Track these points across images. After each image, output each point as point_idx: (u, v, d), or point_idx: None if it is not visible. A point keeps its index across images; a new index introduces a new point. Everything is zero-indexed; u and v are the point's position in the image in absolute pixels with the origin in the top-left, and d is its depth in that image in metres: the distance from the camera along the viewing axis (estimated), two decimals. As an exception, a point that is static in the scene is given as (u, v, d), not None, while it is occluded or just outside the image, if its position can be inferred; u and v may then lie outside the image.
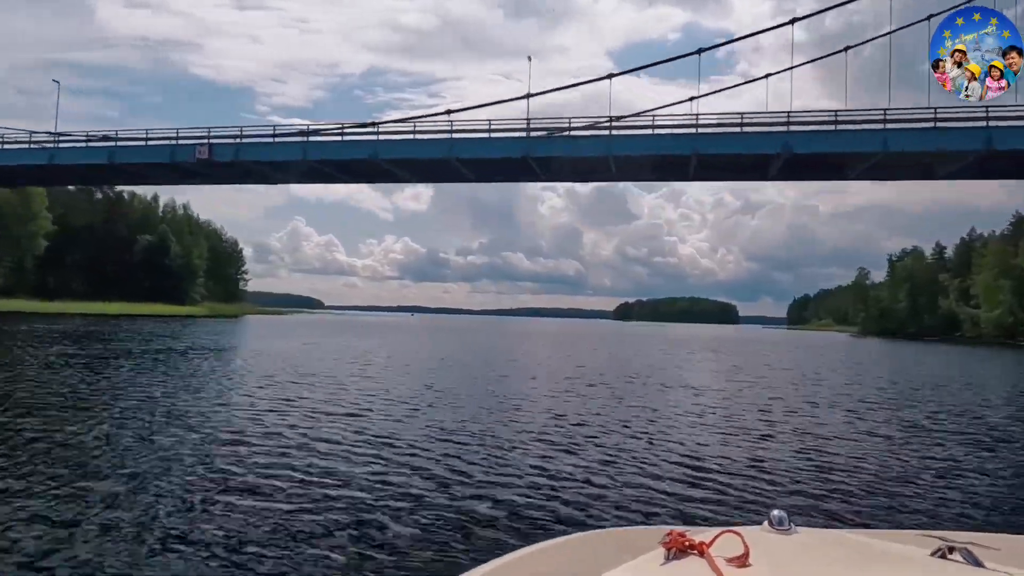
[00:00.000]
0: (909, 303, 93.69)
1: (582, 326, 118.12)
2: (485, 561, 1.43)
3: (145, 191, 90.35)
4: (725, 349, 38.81)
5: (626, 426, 11.15)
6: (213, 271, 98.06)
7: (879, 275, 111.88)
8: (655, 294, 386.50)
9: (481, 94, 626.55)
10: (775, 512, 1.50)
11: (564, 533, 1.76)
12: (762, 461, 8.65)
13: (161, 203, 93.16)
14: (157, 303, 74.55)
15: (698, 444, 9.63)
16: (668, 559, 1.32)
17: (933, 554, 1.31)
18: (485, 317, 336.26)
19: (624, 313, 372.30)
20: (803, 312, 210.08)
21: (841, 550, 1.44)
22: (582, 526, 5.69)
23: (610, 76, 25.33)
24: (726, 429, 11.04)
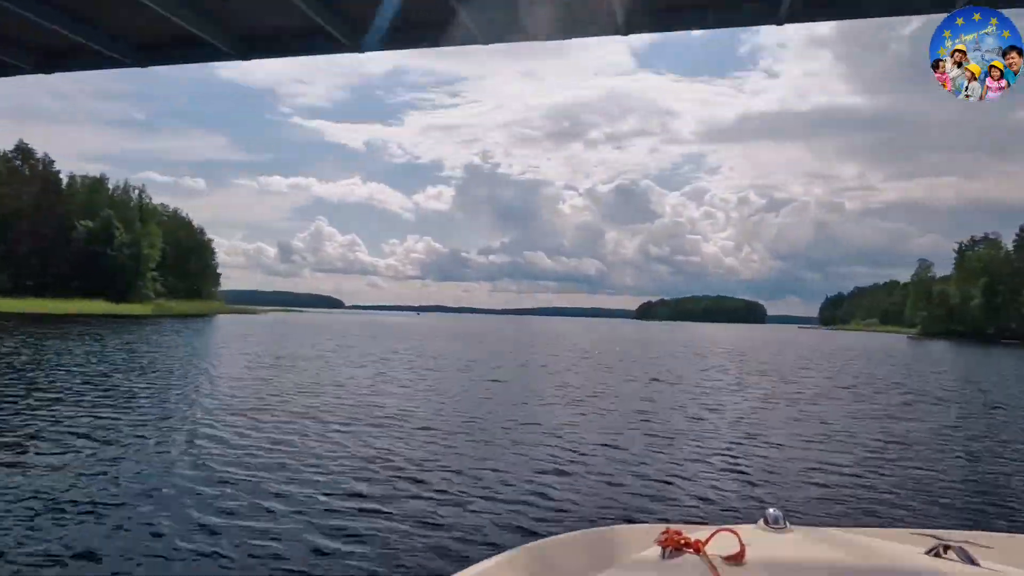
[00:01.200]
0: (985, 300, 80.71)
1: (603, 327, 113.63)
2: (484, 558, 1.45)
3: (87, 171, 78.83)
4: (777, 367, 26.83)
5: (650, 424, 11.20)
6: (177, 266, 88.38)
7: (904, 272, 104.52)
8: (677, 293, 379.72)
9: (503, 92, 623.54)
10: (770, 511, 1.53)
11: (562, 530, 1.78)
12: (763, 459, 8.66)
13: (110, 186, 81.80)
14: (97, 300, 65.50)
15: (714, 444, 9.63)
16: (664, 557, 1.33)
17: (928, 552, 1.32)
18: (505, 316, 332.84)
19: (646, 312, 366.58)
20: (835, 311, 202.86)
21: (836, 548, 1.43)
22: (580, 523, 5.75)
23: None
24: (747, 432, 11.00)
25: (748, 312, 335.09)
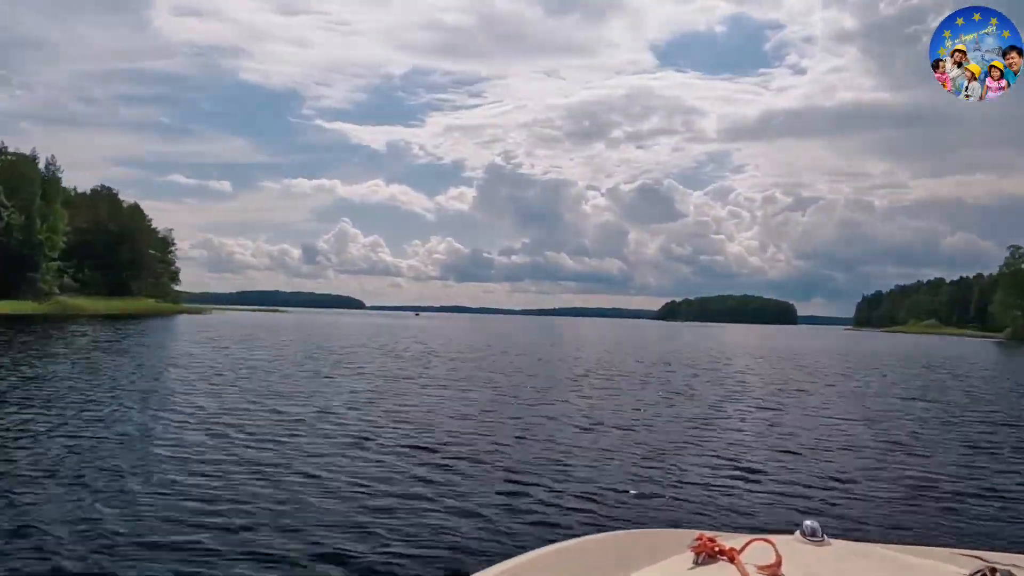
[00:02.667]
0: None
1: (627, 327, 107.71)
2: (515, 555, 1.45)
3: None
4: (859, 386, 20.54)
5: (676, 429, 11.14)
6: (103, 257, 75.97)
7: (940, 272, 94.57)
8: (701, 294, 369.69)
9: (524, 92, 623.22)
10: (808, 522, 1.47)
11: (592, 532, 1.79)
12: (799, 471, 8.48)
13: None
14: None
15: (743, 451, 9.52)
16: (697, 563, 1.31)
17: (973, 575, 1.25)
18: (526, 317, 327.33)
19: (669, 312, 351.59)
20: (874, 311, 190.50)
21: (875, 564, 1.38)
22: (610, 525, 5.77)
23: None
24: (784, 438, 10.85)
25: (778, 312, 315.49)
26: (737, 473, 8.02)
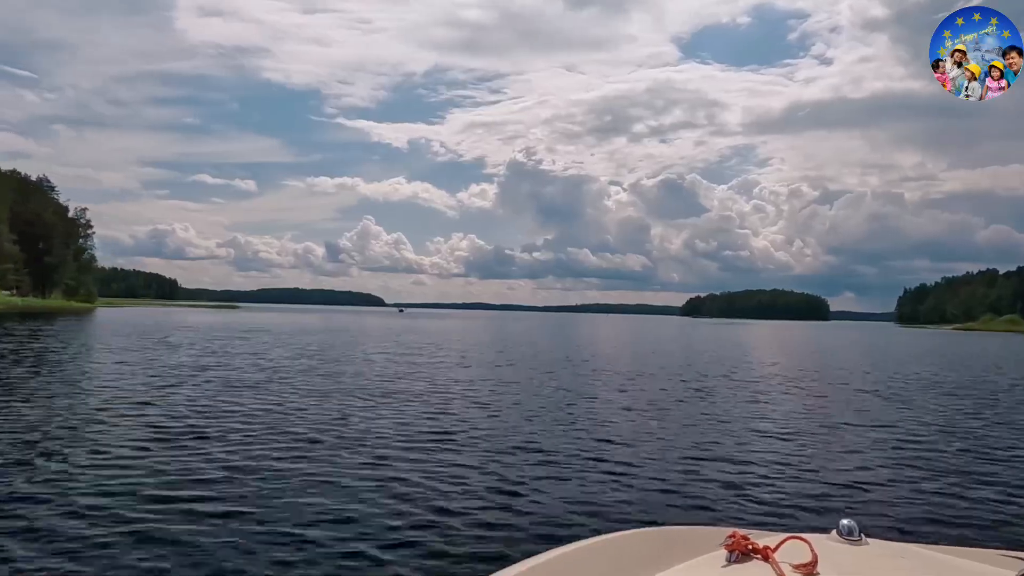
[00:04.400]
0: None
1: (651, 324, 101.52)
2: (546, 550, 1.44)
3: None
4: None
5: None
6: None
7: (971, 266, 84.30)
8: (725, 289, 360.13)
9: (545, 87, 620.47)
10: (844, 521, 1.44)
11: (624, 527, 1.78)
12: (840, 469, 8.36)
13: None
14: None
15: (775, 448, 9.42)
16: (730, 561, 1.28)
17: None
18: (548, 314, 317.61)
19: (693, 308, 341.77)
20: (918, 307, 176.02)
21: (915, 565, 1.34)
22: (642, 521, 5.86)
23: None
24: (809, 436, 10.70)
25: (809, 308, 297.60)
26: (772, 470, 7.95)
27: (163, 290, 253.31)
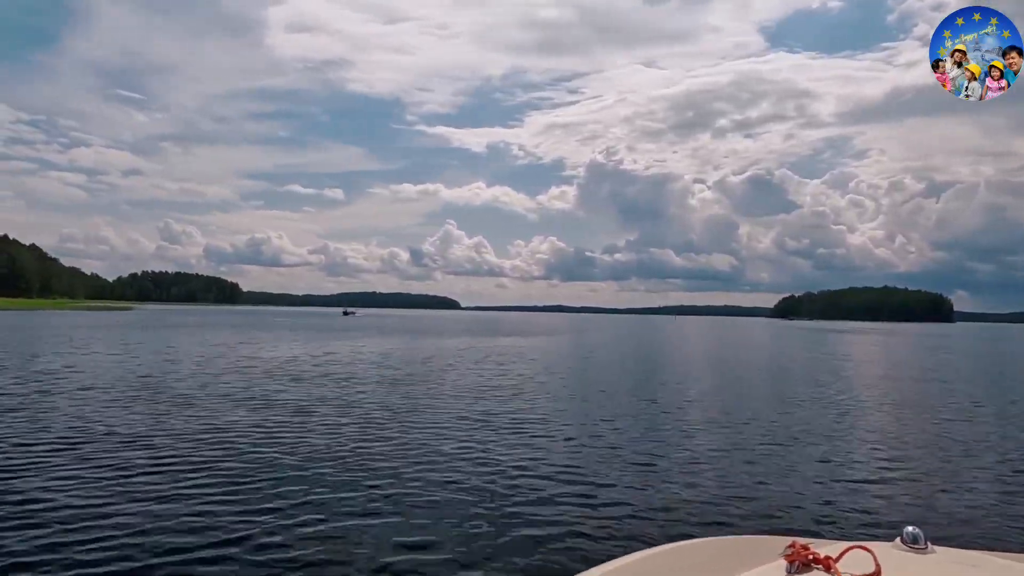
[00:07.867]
0: None
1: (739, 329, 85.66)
2: (604, 561, 1.44)
3: None
4: None
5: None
6: None
7: None
8: (820, 288, 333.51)
9: (624, 85, 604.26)
10: (909, 528, 1.37)
11: (682, 537, 1.77)
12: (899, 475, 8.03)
13: None
14: None
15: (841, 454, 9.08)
16: (791, 572, 1.24)
17: None
18: (631, 316, 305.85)
19: (788, 309, 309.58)
20: None
21: (984, 574, 1.29)
22: (700, 531, 5.81)
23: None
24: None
25: (927, 308, 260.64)
26: (834, 477, 7.69)
27: (223, 294, 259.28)
